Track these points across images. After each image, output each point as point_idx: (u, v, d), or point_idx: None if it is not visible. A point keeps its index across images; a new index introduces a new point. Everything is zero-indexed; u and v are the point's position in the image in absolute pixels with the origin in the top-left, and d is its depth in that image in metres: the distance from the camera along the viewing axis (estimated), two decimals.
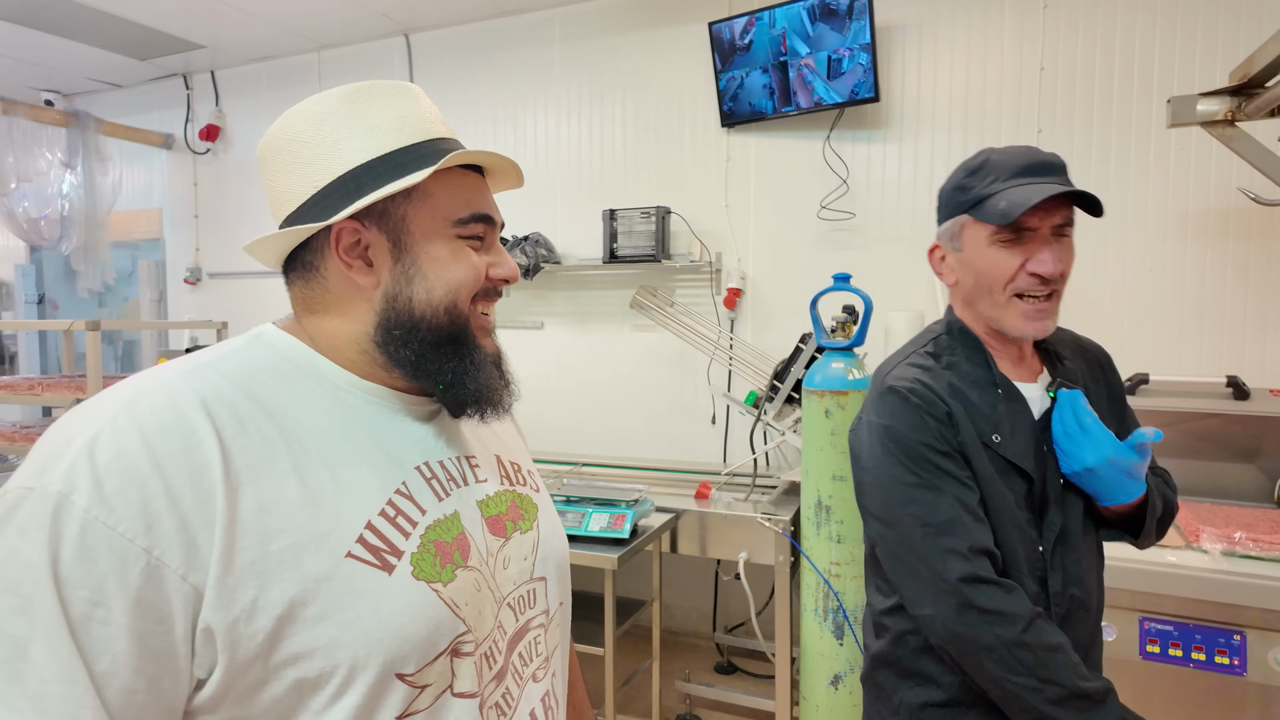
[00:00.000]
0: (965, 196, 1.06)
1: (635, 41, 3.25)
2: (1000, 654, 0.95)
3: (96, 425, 0.55)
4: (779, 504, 2.48)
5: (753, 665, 3.00)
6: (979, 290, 1.07)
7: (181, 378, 0.61)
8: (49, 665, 0.49)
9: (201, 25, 3.59)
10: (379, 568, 0.61)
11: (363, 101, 0.68)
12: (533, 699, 0.72)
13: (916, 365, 1.10)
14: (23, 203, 3.74)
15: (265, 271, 4.10)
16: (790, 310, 3.03)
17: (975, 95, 2.74)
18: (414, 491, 0.66)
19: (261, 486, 0.58)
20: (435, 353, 0.68)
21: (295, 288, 0.71)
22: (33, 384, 1.95)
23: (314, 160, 0.67)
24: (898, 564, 1.05)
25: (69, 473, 0.52)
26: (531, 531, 0.77)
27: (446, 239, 0.68)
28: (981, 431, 1.04)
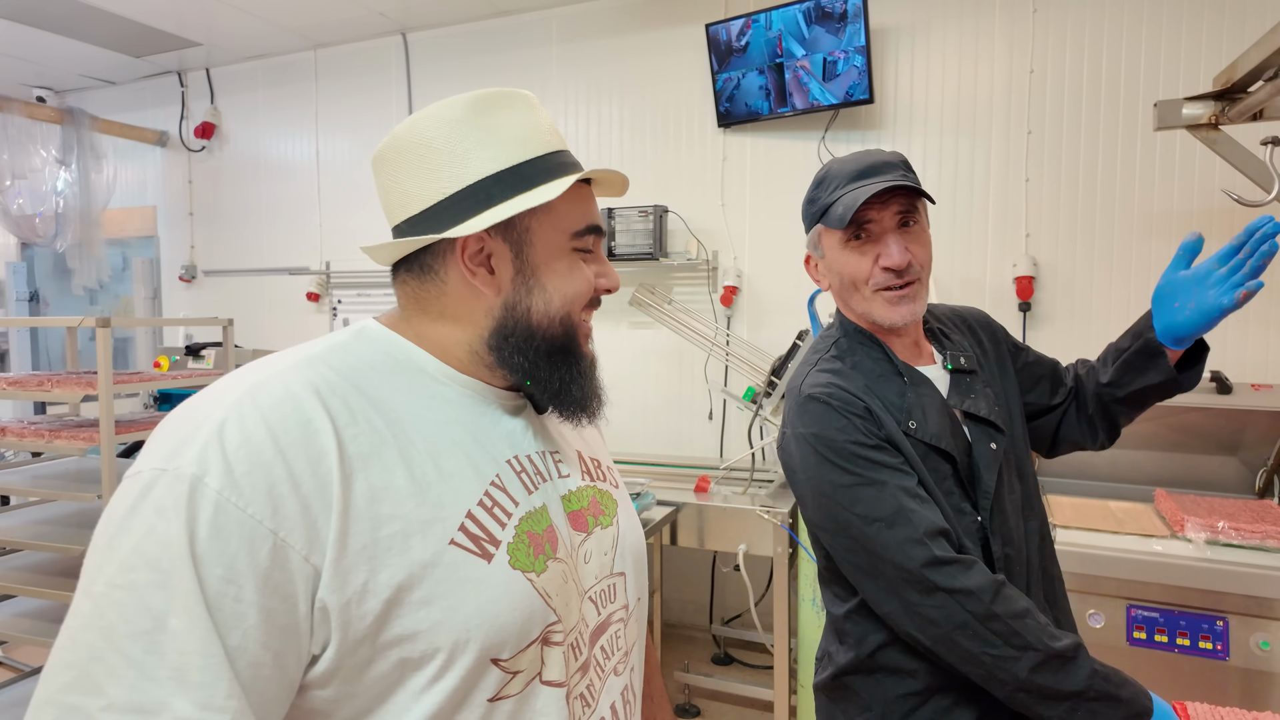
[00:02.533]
0: (814, 208, 1.12)
1: (632, 42, 3.29)
2: (975, 629, 0.96)
3: (222, 411, 0.58)
4: (776, 497, 2.53)
5: (749, 656, 3.05)
6: (846, 289, 1.12)
7: (295, 369, 0.63)
8: (188, 637, 0.52)
9: (197, 23, 3.59)
10: (479, 555, 0.63)
11: (489, 111, 0.70)
12: (613, 692, 0.74)
13: (827, 370, 1.12)
14: (17, 200, 3.73)
15: (262, 269, 4.11)
16: (786, 307, 3.08)
17: (967, 97, 2.80)
18: (507, 484, 0.68)
19: (372, 474, 0.60)
20: (547, 360, 0.71)
21: (408, 286, 0.72)
22: (41, 380, 1.96)
23: (443, 167, 0.68)
24: (854, 568, 1.05)
25: (201, 456, 0.55)
26: (611, 527, 0.79)
27: (564, 252, 0.71)
28: (899, 420, 1.07)
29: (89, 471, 2.25)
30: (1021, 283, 2.67)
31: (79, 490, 1.99)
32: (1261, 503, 2.15)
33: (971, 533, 1.05)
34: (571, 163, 0.73)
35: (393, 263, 0.73)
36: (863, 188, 1.04)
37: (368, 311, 3.85)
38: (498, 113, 0.70)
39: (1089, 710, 0.93)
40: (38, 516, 2.25)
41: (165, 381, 2.13)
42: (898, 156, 1.10)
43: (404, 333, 0.72)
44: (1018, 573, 1.08)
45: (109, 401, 1.85)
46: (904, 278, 1.07)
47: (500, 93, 0.71)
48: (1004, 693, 0.97)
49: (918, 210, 1.09)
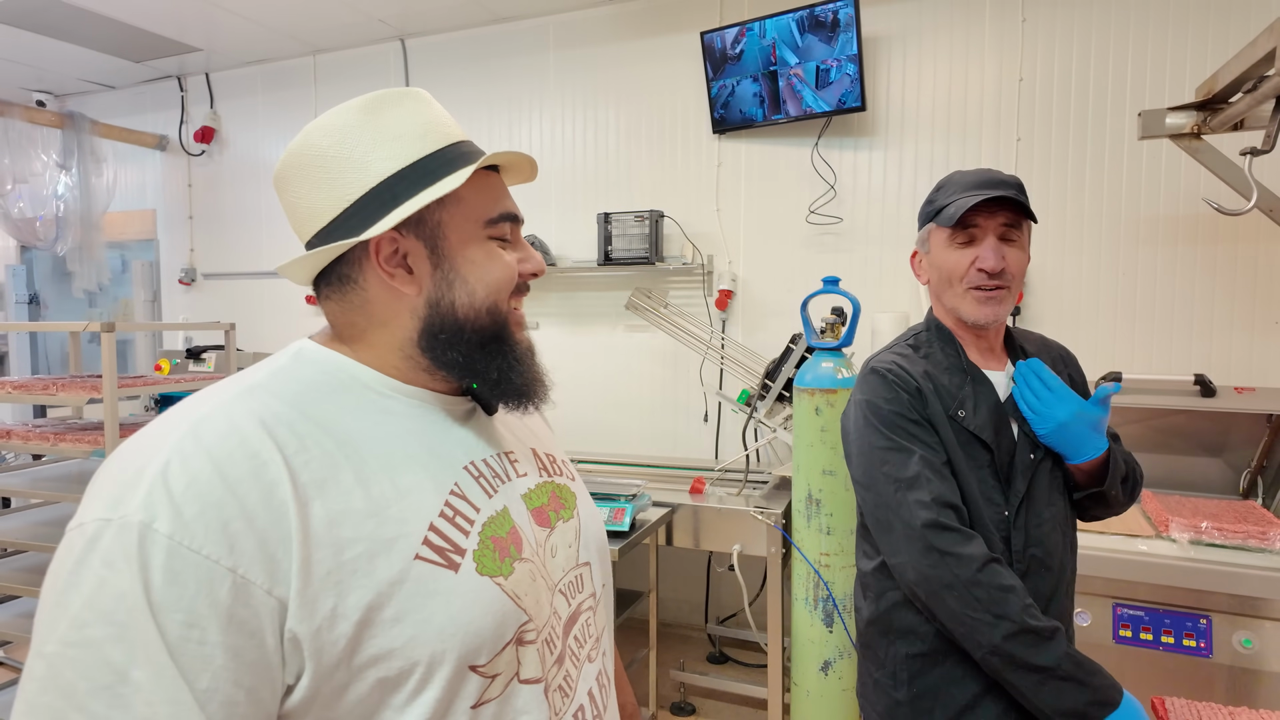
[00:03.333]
0: (930, 208, 1.27)
1: (628, 49, 3.33)
2: (959, 591, 1.08)
3: (164, 454, 0.56)
4: (770, 498, 2.57)
5: (743, 655, 3.09)
6: (942, 284, 1.25)
7: (236, 400, 0.62)
8: (153, 688, 0.51)
9: (196, 28, 3.63)
10: (446, 567, 0.63)
11: (380, 112, 0.68)
12: (589, 679, 0.76)
13: (897, 354, 1.28)
14: (18, 203, 3.75)
15: (260, 273, 4.14)
16: (779, 311, 3.12)
17: (957, 105, 2.85)
18: (466, 491, 0.68)
19: (329, 499, 0.59)
20: (481, 352, 0.70)
21: (331, 302, 0.71)
22: (47, 384, 1.99)
23: (342, 175, 0.67)
24: (874, 521, 1.20)
25: (147, 502, 0.53)
26: (573, 520, 0.80)
27: (480, 241, 0.70)
28: (948, 407, 1.20)
29: (91, 474, 2.28)
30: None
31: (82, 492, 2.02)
32: (1245, 503, 2.19)
33: (996, 522, 1.17)
34: (474, 151, 0.72)
35: (312, 280, 0.72)
36: (976, 195, 1.16)
37: None
38: (390, 112, 0.69)
39: (1055, 688, 1.04)
40: (41, 518, 2.28)
41: (168, 385, 2.16)
42: (1015, 179, 1.21)
43: (339, 349, 0.71)
44: (1044, 576, 1.18)
45: (113, 405, 1.88)
46: (995, 281, 1.19)
47: (389, 93, 0.70)
48: (979, 654, 1.09)
49: (1021, 227, 1.21)
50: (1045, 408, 1.19)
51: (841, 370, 2.15)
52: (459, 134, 0.72)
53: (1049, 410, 1.19)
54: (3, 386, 2.05)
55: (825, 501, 2.15)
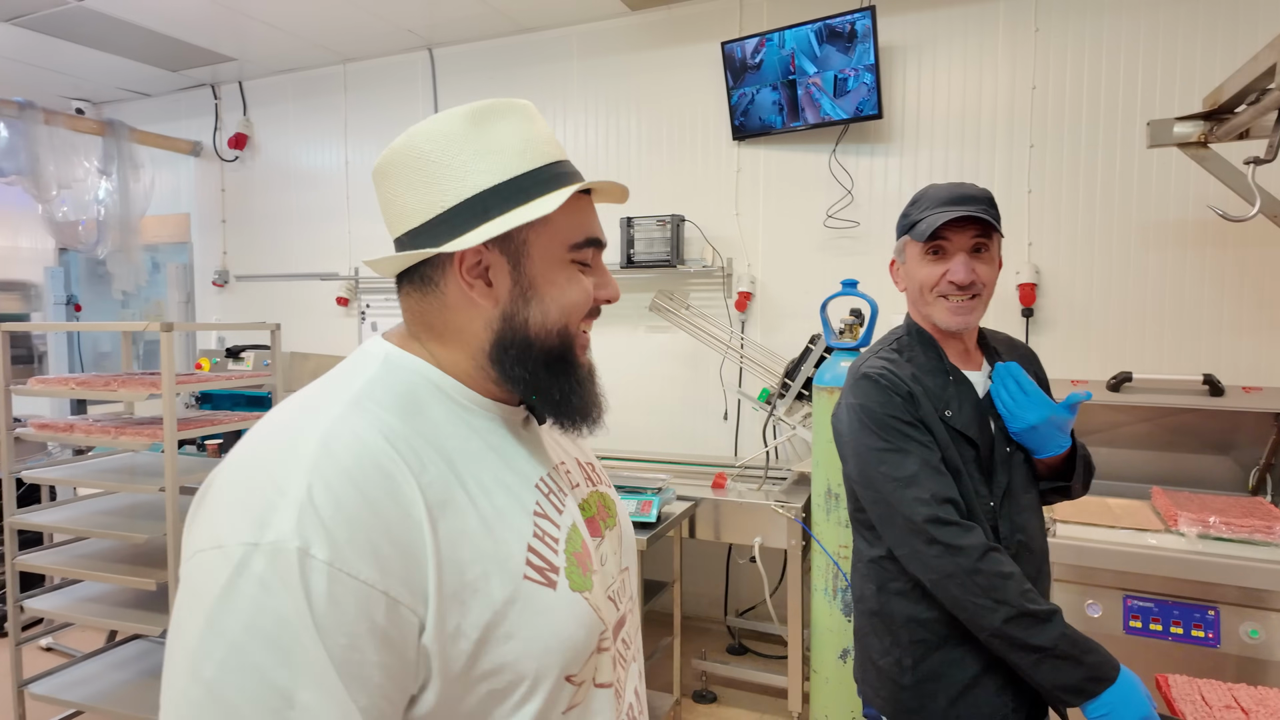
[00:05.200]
0: (905, 221, 1.34)
1: (650, 59, 3.43)
2: (961, 580, 1.17)
3: (303, 475, 0.56)
4: (790, 493, 2.66)
5: (762, 646, 3.18)
6: (916, 293, 1.33)
7: (352, 413, 0.63)
8: (321, 709, 0.52)
9: (230, 38, 3.75)
10: (546, 585, 0.65)
11: (485, 123, 0.69)
12: (634, 678, 0.79)
13: (884, 358, 1.34)
14: (62, 208, 3.90)
15: (293, 274, 4.27)
16: (797, 312, 3.21)
17: (971, 112, 2.93)
18: (545, 509, 0.70)
19: (451, 520, 0.61)
20: (546, 371, 0.71)
21: (411, 299, 0.73)
22: (109, 380, 2.11)
23: (440, 180, 0.68)
24: (877, 517, 1.28)
25: (299, 527, 0.54)
26: (616, 527, 0.83)
27: (563, 264, 0.71)
28: (937, 407, 1.28)
29: (143, 466, 2.40)
30: (1024, 289, 2.79)
31: (142, 483, 2.14)
32: (1253, 499, 2.26)
33: (986, 512, 1.27)
34: (570, 173, 0.72)
35: (396, 274, 0.74)
36: (946, 212, 1.25)
37: (396, 314, 3.99)
38: (495, 124, 0.69)
39: (1053, 665, 1.12)
40: (93, 508, 2.40)
41: (218, 382, 2.28)
42: (985, 193, 1.30)
43: (419, 353, 0.71)
44: (1029, 559, 1.28)
45: (172, 400, 2.00)
46: (965, 292, 1.27)
47: (497, 104, 0.70)
48: (983, 636, 1.18)
49: (990, 239, 1.28)
50: (1020, 409, 1.28)
51: None
52: (557, 153, 0.72)
53: (1023, 412, 1.27)
54: (65, 382, 2.17)
55: (844, 496, 2.24)
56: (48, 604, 2.30)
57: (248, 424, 2.34)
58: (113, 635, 2.79)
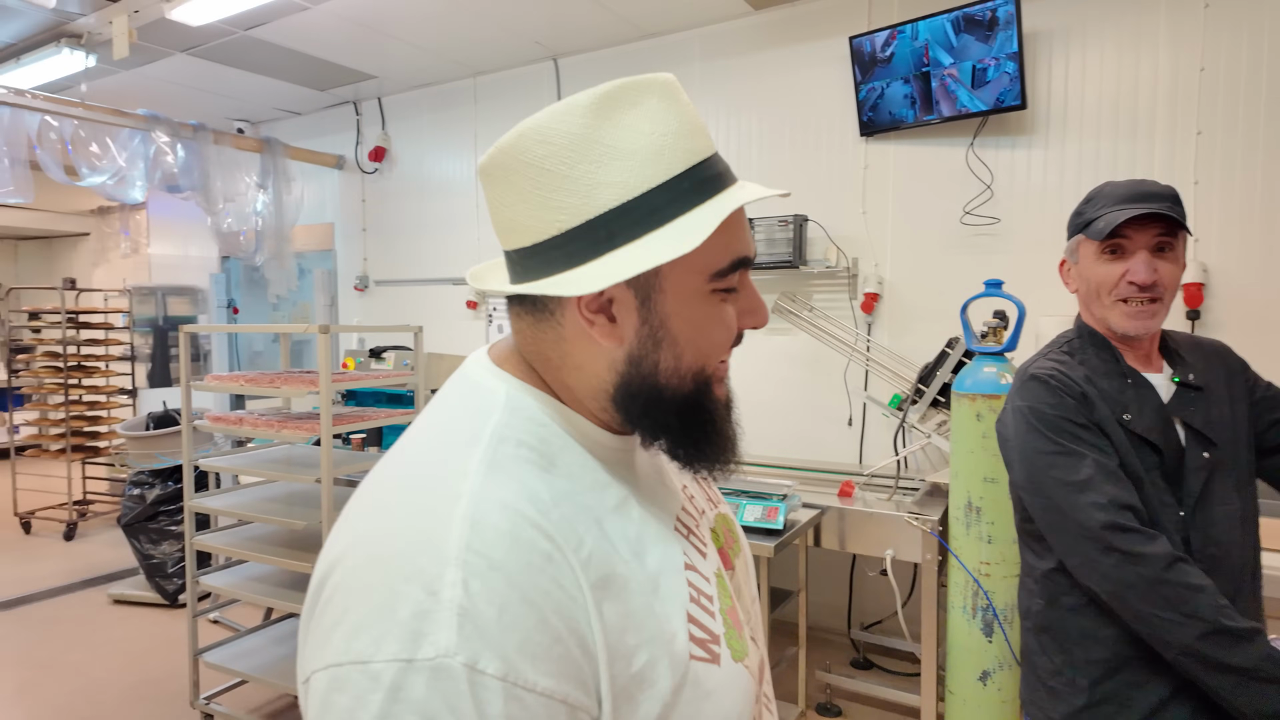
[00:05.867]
0: (1079, 219, 1.27)
1: (773, 57, 3.39)
2: (1143, 591, 1.08)
3: (452, 571, 0.47)
4: (923, 504, 2.55)
5: (889, 662, 3.06)
6: (1090, 296, 1.26)
7: (493, 480, 0.53)
8: None
9: (372, 57, 4.00)
10: (710, 661, 0.57)
11: (612, 115, 0.55)
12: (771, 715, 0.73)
13: (1054, 359, 1.28)
14: (227, 220, 4.28)
15: (424, 279, 4.50)
16: (930, 315, 3.08)
17: (1127, 99, 2.71)
18: (692, 559, 0.61)
19: (613, 602, 0.52)
20: (678, 420, 0.60)
21: (524, 322, 0.61)
22: (273, 378, 2.29)
23: (556, 196, 0.55)
24: (1047, 525, 1.21)
25: (461, 639, 0.45)
26: (742, 552, 0.75)
27: (701, 297, 0.58)
28: (1115, 411, 1.20)
29: (298, 457, 2.59)
30: (1190, 290, 2.56)
31: (299, 473, 2.31)
32: None
33: (1173, 523, 1.17)
34: (715, 175, 0.58)
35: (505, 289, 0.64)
36: (1127, 209, 1.17)
37: None
38: (624, 117, 0.55)
39: (1257, 690, 1.02)
40: (256, 495, 2.62)
41: (367, 380, 2.43)
42: (1169, 190, 1.21)
43: (535, 383, 0.61)
44: (1224, 574, 1.17)
45: (328, 398, 2.15)
46: (1146, 294, 1.19)
47: (627, 86, 0.56)
48: (1170, 655, 1.08)
49: (1176, 238, 1.20)
50: None
51: (1005, 376, 2.12)
52: (702, 148, 0.57)
53: None
54: (236, 379, 2.38)
55: (986, 510, 2.12)
56: (217, 581, 2.53)
57: (393, 420, 2.49)
58: (269, 613, 3.03)
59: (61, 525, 4.97)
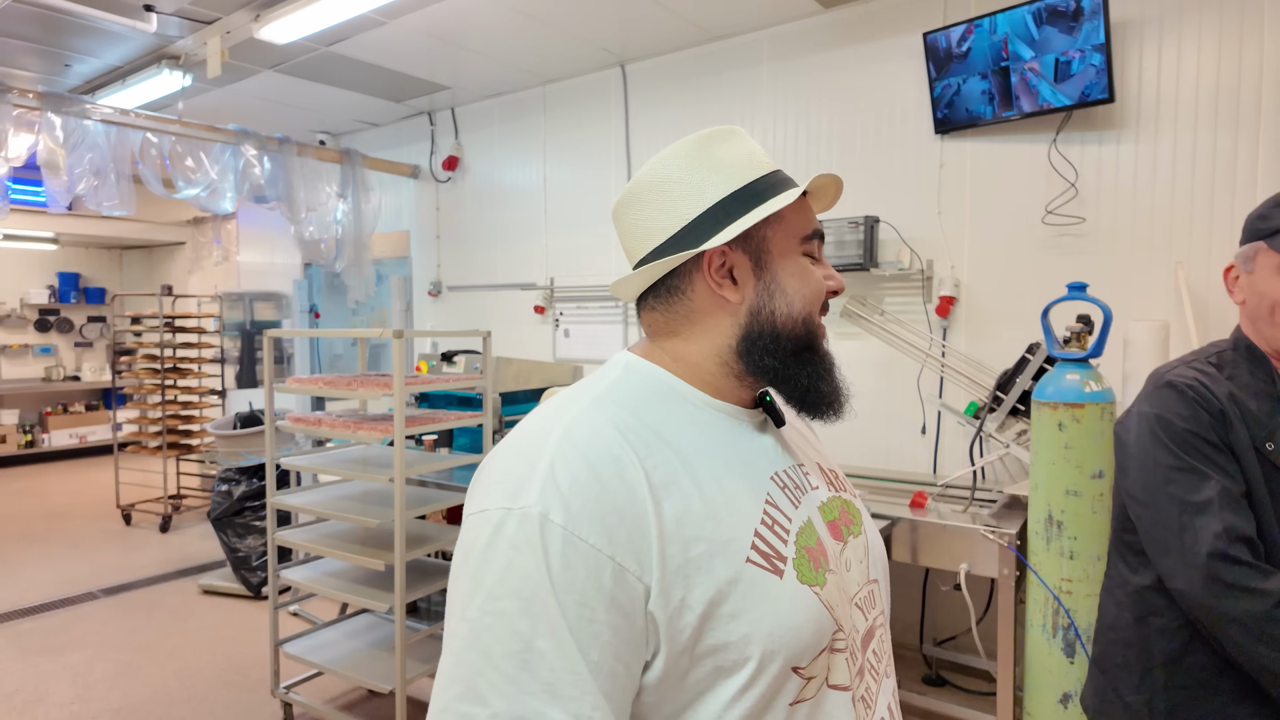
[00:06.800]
0: (1265, 225, 1.15)
1: (843, 55, 3.32)
2: (1248, 627, 1.01)
3: (549, 455, 0.64)
4: (1000, 518, 2.44)
5: (963, 680, 2.95)
6: (1262, 311, 1.16)
7: (592, 409, 0.70)
8: (555, 656, 0.58)
9: (445, 69, 4.11)
10: (771, 572, 0.67)
11: (711, 146, 0.76)
12: (887, 694, 0.78)
13: (1198, 369, 1.19)
14: (309, 228, 4.47)
15: (495, 284, 4.59)
16: (1010, 319, 2.95)
17: (1228, 89, 2.54)
18: (777, 500, 0.72)
19: (675, 500, 0.65)
20: (794, 360, 0.75)
21: (655, 314, 0.78)
22: (350, 381, 2.37)
23: (683, 198, 0.75)
24: (1153, 541, 1.14)
25: (542, 496, 0.62)
26: (861, 535, 0.82)
27: (796, 256, 0.76)
28: (1256, 436, 1.10)
29: (374, 457, 2.68)
30: None
31: (370, 472, 2.39)
32: None
33: None
34: (787, 179, 0.78)
35: (638, 296, 0.79)
36: None
37: (586, 322, 4.18)
38: (719, 146, 0.76)
39: None
40: (336, 493, 2.72)
41: (438, 384, 2.49)
42: None
43: (659, 361, 0.77)
44: None
45: (401, 400, 2.21)
46: None
47: (718, 130, 0.78)
48: (1276, 693, 1.02)
49: None
50: None
51: (1090, 383, 2.01)
52: (772, 164, 0.79)
53: None
54: (315, 382, 2.48)
55: (1068, 524, 2.02)
56: (296, 575, 2.63)
57: (463, 422, 2.54)
58: (344, 608, 3.14)
59: (157, 518, 5.28)
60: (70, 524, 5.37)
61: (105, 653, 3.31)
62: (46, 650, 3.33)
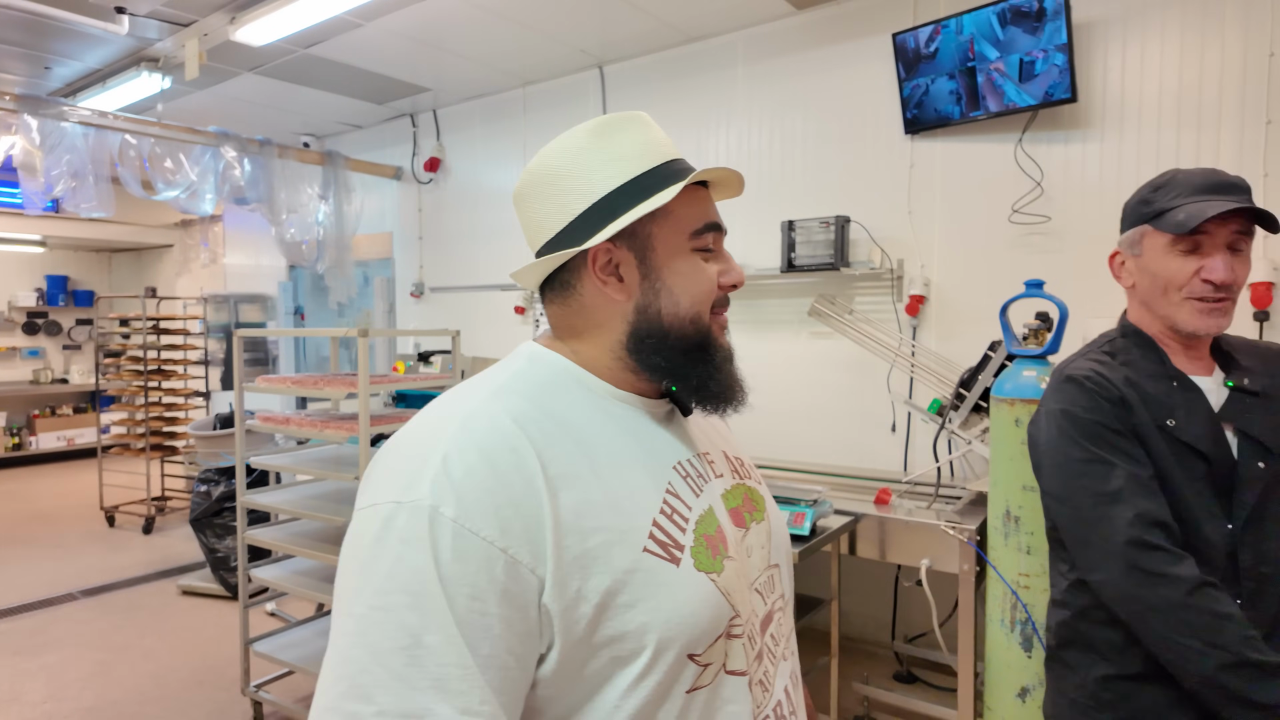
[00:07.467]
0: (1147, 209, 1.18)
1: (816, 56, 3.34)
2: (1166, 615, 1.02)
3: (443, 446, 0.64)
4: (964, 513, 2.46)
5: (934, 676, 2.96)
6: (1155, 292, 1.18)
7: (491, 399, 0.69)
8: (444, 651, 0.58)
9: (428, 71, 4.13)
10: (668, 560, 0.67)
11: (607, 135, 0.75)
12: (784, 676, 0.79)
13: (1094, 360, 1.21)
14: (290, 230, 4.48)
15: (477, 285, 4.61)
16: (979, 317, 2.98)
17: (1190, 88, 2.56)
18: (679, 490, 0.73)
19: (573, 491, 0.65)
20: (684, 358, 0.74)
21: (554, 306, 0.78)
22: (316, 380, 2.39)
23: (571, 191, 0.74)
24: (1072, 536, 1.15)
25: (434, 488, 0.61)
26: (764, 522, 0.83)
27: (685, 253, 0.75)
28: (1156, 416, 1.12)
29: (346, 456, 2.69)
30: (1258, 289, 2.40)
31: (341, 471, 2.40)
32: None
33: (1219, 536, 1.10)
34: (685, 168, 0.76)
35: (538, 285, 0.79)
36: (1210, 202, 1.11)
37: None
38: (615, 135, 0.74)
39: None
40: (308, 492, 2.73)
41: (406, 383, 2.50)
42: (1245, 182, 1.15)
43: (563, 352, 0.77)
44: (1272, 594, 1.11)
45: (366, 399, 2.22)
46: (1220, 293, 1.13)
47: (615, 117, 0.76)
48: (1190, 684, 1.03)
49: (1250, 235, 1.15)
50: None
51: (1046, 379, 2.03)
52: (672, 152, 0.77)
53: None
54: (284, 381, 2.49)
55: (1025, 519, 2.04)
56: (269, 574, 2.64)
57: None
58: (320, 606, 3.15)
59: (141, 519, 5.29)
60: (54, 526, 5.37)
61: (81, 653, 3.31)
62: (23, 650, 3.34)
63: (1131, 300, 1.24)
